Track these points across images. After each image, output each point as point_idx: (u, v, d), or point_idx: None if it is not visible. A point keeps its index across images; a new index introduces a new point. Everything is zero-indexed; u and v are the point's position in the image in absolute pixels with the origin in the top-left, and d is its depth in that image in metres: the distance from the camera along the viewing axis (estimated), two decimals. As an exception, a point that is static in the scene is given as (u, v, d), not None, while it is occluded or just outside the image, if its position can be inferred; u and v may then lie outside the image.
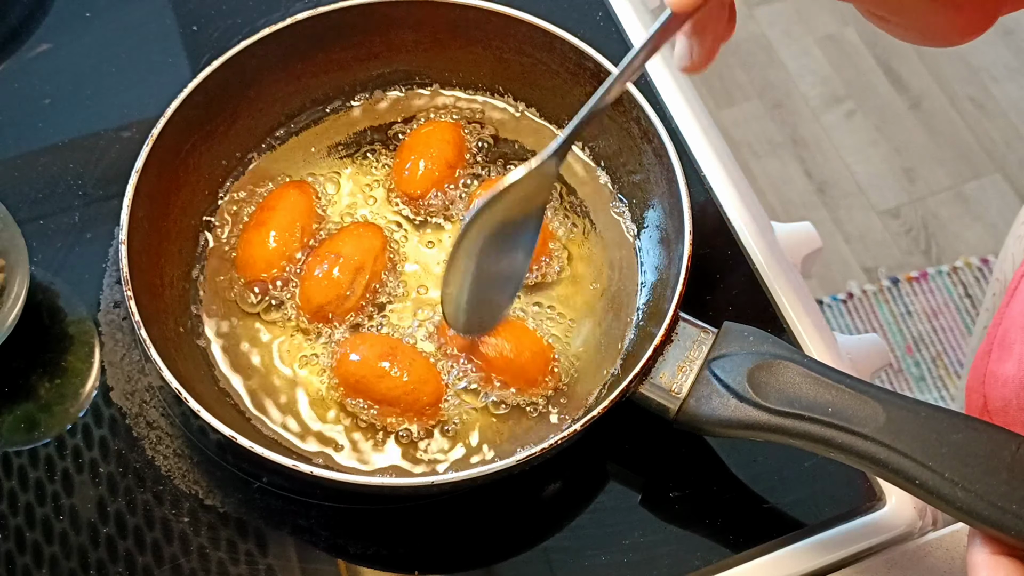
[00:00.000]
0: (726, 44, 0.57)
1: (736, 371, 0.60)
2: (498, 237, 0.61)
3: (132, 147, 0.69)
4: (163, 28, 0.85)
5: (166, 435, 0.69)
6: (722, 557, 0.65)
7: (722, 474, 0.68)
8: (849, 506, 0.67)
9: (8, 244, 0.70)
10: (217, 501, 0.67)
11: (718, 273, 0.75)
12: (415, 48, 0.77)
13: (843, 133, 1.94)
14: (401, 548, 0.66)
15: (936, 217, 1.86)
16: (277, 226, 0.71)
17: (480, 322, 0.66)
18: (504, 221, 0.61)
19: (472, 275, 0.62)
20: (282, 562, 0.65)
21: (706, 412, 0.60)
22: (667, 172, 0.68)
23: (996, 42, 2.01)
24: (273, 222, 0.71)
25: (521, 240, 0.64)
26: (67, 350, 0.72)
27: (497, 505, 0.67)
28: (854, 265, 1.81)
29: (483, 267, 0.62)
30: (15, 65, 0.84)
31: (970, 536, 0.53)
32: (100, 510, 0.67)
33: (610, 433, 0.67)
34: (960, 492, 0.52)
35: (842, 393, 0.57)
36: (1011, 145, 1.92)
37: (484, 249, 0.61)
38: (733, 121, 1.95)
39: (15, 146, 0.80)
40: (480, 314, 0.66)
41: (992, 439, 0.53)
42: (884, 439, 0.55)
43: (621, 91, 0.57)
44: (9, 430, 0.69)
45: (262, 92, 0.74)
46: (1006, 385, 0.63)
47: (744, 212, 0.77)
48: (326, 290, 0.69)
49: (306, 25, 0.73)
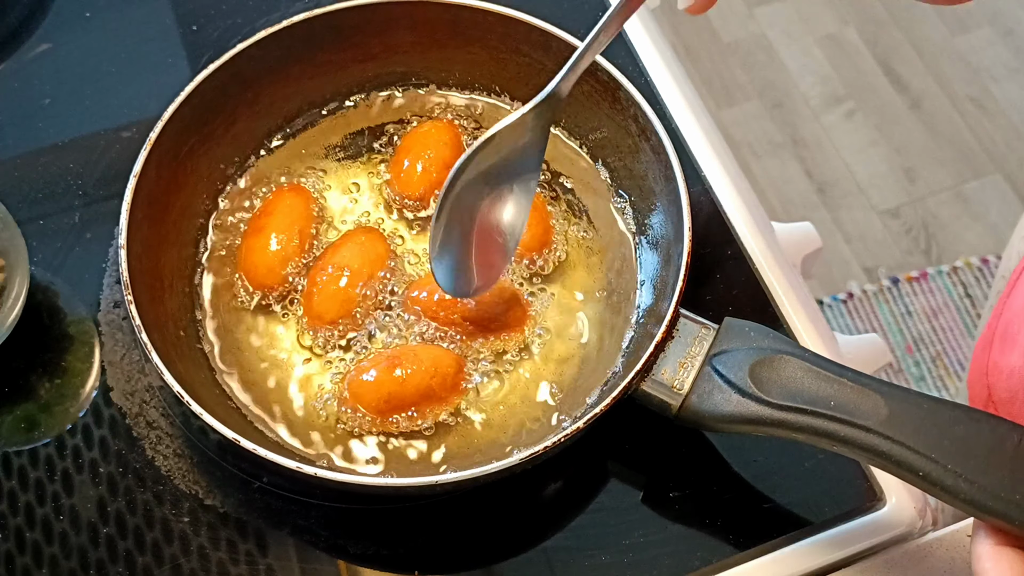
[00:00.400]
0: (726, 44, 0.57)
1: (738, 366, 0.60)
2: (488, 190, 0.60)
3: (132, 147, 0.69)
4: (163, 28, 0.85)
5: (166, 435, 0.69)
6: (723, 557, 0.65)
7: (723, 474, 0.68)
8: (849, 506, 0.67)
9: (8, 244, 0.70)
10: (217, 501, 0.67)
11: (718, 273, 0.75)
12: (413, 49, 0.77)
13: (843, 133, 1.94)
14: (401, 548, 0.66)
15: (936, 217, 1.86)
16: (277, 231, 0.71)
17: (474, 283, 0.65)
18: (493, 173, 0.60)
19: (460, 233, 0.61)
20: (282, 562, 0.65)
21: (708, 408, 0.60)
22: (665, 169, 0.68)
23: (996, 42, 2.01)
24: (272, 227, 0.71)
25: (514, 195, 0.63)
26: (67, 350, 0.72)
27: (497, 505, 0.67)
28: (854, 265, 1.81)
29: (473, 223, 0.61)
30: (15, 65, 0.84)
31: (974, 527, 0.54)
32: (100, 510, 0.67)
33: (611, 432, 0.67)
34: (963, 483, 0.53)
35: (844, 387, 0.57)
36: (1011, 145, 1.92)
37: (474, 203, 0.60)
38: (733, 121, 1.95)
39: (15, 146, 0.80)
40: (473, 274, 0.65)
41: (994, 430, 0.54)
42: (887, 432, 0.55)
43: (615, 33, 0.57)
44: (9, 430, 0.69)
45: (260, 93, 0.74)
46: (1012, 376, 0.63)
47: (744, 212, 0.77)
48: (338, 308, 0.68)
49: (305, 26, 0.73)
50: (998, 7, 2.04)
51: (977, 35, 2.02)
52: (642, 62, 0.83)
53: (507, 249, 0.66)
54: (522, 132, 0.59)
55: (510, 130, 0.59)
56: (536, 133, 0.61)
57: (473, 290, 0.66)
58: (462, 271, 0.65)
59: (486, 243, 0.64)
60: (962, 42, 2.02)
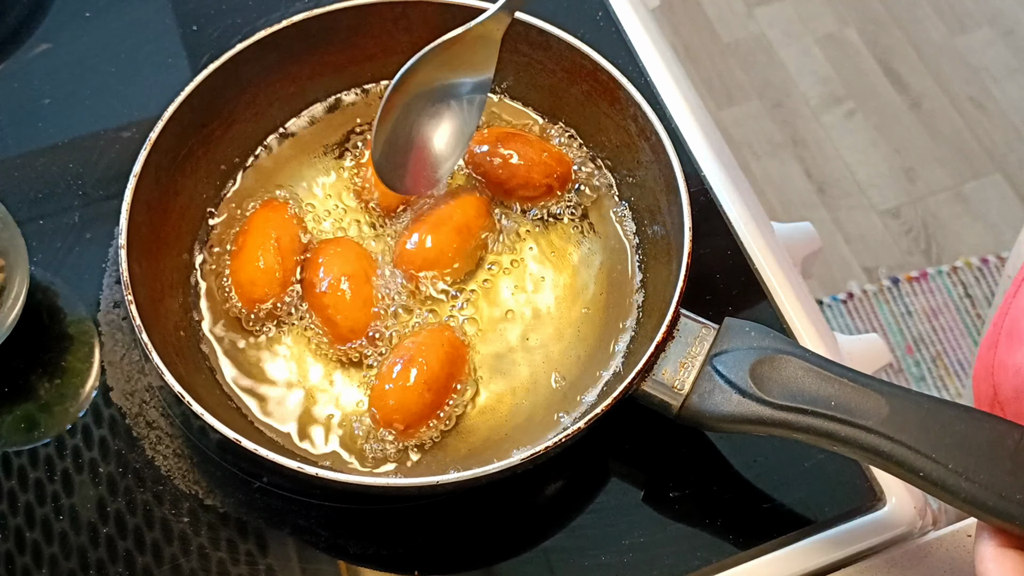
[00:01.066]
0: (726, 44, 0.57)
1: (738, 366, 0.60)
2: (436, 96, 0.66)
3: (132, 147, 0.69)
4: (163, 28, 0.85)
5: (166, 435, 0.69)
6: (723, 556, 0.65)
7: (723, 473, 0.68)
8: (849, 506, 0.67)
9: (8, 244, 0.70)
10: (217, 501, 0.67)
11: (718, 273, 0.75)
12: (411, 49, 0.76)
13: (843, 133, 1.94)
14: (401, 548, 0.66)
15: (936, 217, 1.86)
16: (262, 249, 0.69)
17: (418, 178, 0.70)
18: (442, 81, 0.66)
19: (407, 130, 0.66)
20: (282, 562, 0.65)
21: (709, 408, 0.60)
22: (665, 169, 0.68)
23: (996, 42, 2.01)
24: (254, 245, 0.69)
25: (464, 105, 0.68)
26: (67, 350, 0.72)
27: (497, 505, 0.67)
28: (854, 265, 1.81)
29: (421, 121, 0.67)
30: (15, 65, 0.84)
31: (978, 529, 0.53)
32: (100, 510, 0.67)
33: (611, 432, 0.67)
34: (964, 483, 0.52)
35: (844, 386, 0.57)
36: (1011, 145, 1.92)
37: (421, 105, 0.66)
38: (733, 121, 1.95)
39: (15, 146, 0.80)
40: (419, 170, 0.69)
41: (995, 429, 0.54)
42: (887, 431, 0.55)
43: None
44: (9, 430, 0.69)
45: (260, 93, 0.74)
46: (1018, 374, 0.63)
47: (744, 212, 0.77)
48: (363, 326, 0.68)
49: (304, 26, 0.73)
50: (998, 7, 2.04)
51: (977, 35, 2.02)
52: (642, 62, 0.83)
53: (455, 148, 0.70)
54: (473, 48, 0.65)
55: (459, 42, 0.65)
56: (487, 50, 0.66)
57: (406, 189, 0.70)
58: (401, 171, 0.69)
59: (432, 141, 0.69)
60: (962, 42, 2.02)
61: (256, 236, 0.70)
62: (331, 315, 0.68)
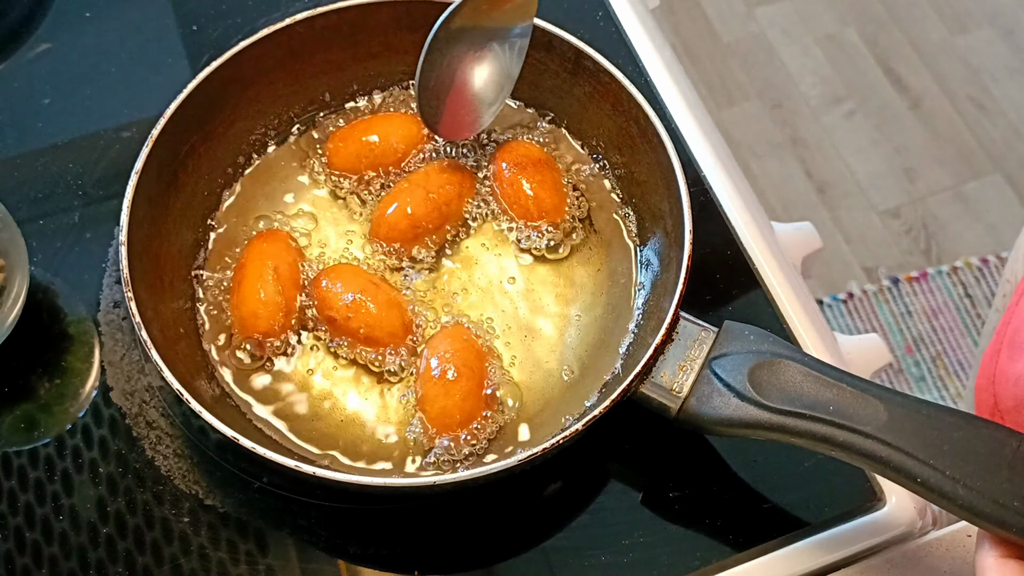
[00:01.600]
0: (726, 44, 0.57)
1: (737, 370, 0.60)
2: (479, 39, 0.67)
3: (132, 147, 0.69)
4: (163, 28, 0.85)
5: (166, 435, 0.69)
6: (722, 557, 0.65)
7: (722, 474, 0.68)
8: (849, 506, 0.67)
9: (8, 244, 0.70)
10: (217, 501, 0.67)
11: (718, 273, 0.75)
12: (413, 48, 0.76)
13: (843, 133, 1.94)
14: (401, 548, 0.66)
15: (936, 217, 1.86)
16: (262, 283, 0.68)
17: (461, 122, 0.71)
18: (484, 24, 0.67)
19: (449, 72, 0.67)
20: (282, 562, 0.65)
21: (707, 411, 0.60)
22: (665, 170, 0.68)
23: (996, 42, 2.01)
24: (254, 279, 0.68)
25: (507, 48, 0.69)
26: (67, 350, 0.72)
27: (497, 505, 0.67)
28: (854, 265, 1.81)
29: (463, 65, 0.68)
30: (15, 65, 0.84)
31: (978, 538, 0.53)
32: (100, 510, 0.67)
33: (611, 433, 0.67)
34: (961, 489, 0.52)
35: (843, 391, 0.57)
36: (1011, 145, 1.92)
37: (464, 49, 0.67)
38: (733, 121, 1.95)
39: (15, 146, 0.80)
40: (461, 113, 0.70)
41: (993, 437, 0.54)
42: (886, 437, 0.55)
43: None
44: (9, 430, 0.69)
45: (261, 93, 0.74)
46: (1018, 384, 0.63)
47: (744, 212, 0.77)
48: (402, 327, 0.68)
49: (305, 25, 0.73)
50: (998, 7, 2.04)
51: (977, 35, 2.02)
52: (642, 62, 0.83)
53: (499, 92, 0.71)
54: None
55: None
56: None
57: (448, 132, 0.72)
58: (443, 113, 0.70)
59: (468, 95, 0.70)
60: (962, 42, 2.02)
61: (254, 268, 0.69)
62: (366, 333, 0.67)
